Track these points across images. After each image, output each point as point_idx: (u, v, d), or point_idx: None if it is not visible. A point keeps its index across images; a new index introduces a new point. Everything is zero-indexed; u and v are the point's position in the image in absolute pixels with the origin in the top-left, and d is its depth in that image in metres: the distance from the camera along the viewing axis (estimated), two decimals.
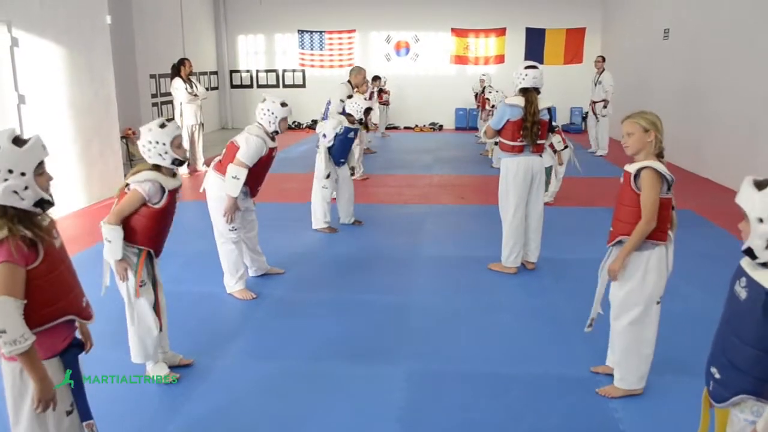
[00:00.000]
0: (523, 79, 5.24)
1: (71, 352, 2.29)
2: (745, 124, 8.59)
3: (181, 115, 10.05)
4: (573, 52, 16.03)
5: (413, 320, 4.61)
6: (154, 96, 12.67)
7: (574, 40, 16.11)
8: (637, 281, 3.31)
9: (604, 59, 12.36)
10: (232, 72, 17.00)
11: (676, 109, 10.92)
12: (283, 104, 4.82)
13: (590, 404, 3.47)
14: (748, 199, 1.89)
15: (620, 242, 3.33)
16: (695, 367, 1.92)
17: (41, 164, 2.16)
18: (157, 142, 3.33)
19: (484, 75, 13.16)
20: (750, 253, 1.88)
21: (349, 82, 8.82)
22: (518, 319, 4.63)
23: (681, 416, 3.26)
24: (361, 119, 6.83)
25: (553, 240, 6.05)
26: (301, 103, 16.79)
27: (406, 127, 16.82)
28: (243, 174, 4.67)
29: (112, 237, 3.35)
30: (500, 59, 16.36)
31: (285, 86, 16.86)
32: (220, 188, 4.78)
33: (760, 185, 1.87)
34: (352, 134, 6.73)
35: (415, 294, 5.12)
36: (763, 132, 8.13)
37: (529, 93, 5.24)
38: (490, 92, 11.26)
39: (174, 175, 3.49)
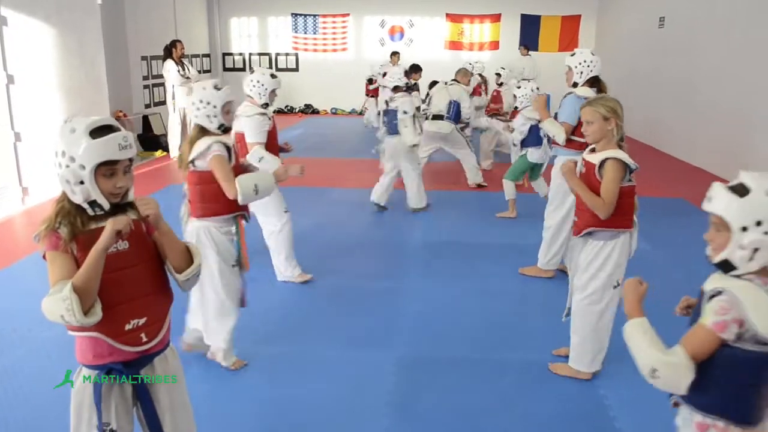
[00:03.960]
0: (594, 66, 4.71)
1: (108, 372, 2.05)
2: (738, 113, 8.59)
3: (173, 98, 9.96)
4: (568, 40, 15.98)
5: (406, 306, 4.61)
6: (145, 78, 12.54)
7: (570, 27, 16.06)
8: (598, 267, 3.35)
9: (528, 48, 14.16)
10: (224, 55, 16.86)
11: (670, 97, 10.91)
12: (273, 75, 4.81)
13: (582, 391, 3.49)
14: (728, 207, 1.74)
15: (589, 233, 3.34)
16: None
17: (111, 165, 1.93)
18: (209, 103, 3.26)
19: (503, 68, 11.95)
20: (725, 265, 1.78)
21: (457, 81, 8.62)
22: (511, 306, 4.64)
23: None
24: (408, 84, 6.95)
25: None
26: (294, 87, 16.70)
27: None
28: (263, 151, 4.62)
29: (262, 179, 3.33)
30: (495, 45, 16.30)
31: (278, 70, 16.69)
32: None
33: (739, 192, 1.73)
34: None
35: (409, 279, 5.11)
36: (756, 121, 8.14)
37: (601, 83, 4.77)
38: (516, 86, 10.38)
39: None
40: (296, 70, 16.77)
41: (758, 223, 1.70)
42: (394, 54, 13.13)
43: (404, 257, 5.65)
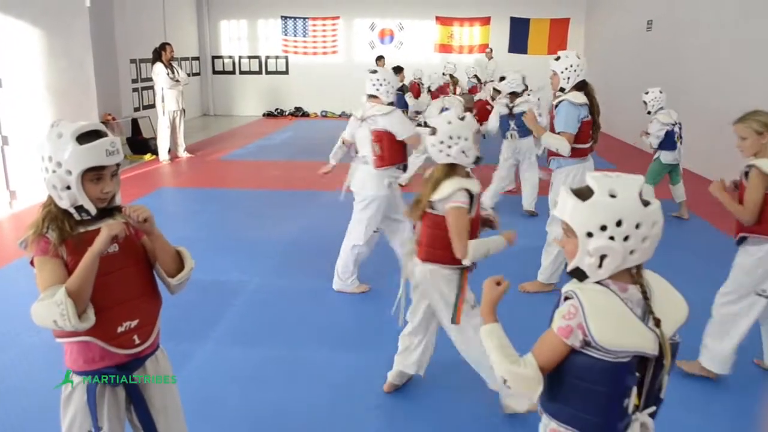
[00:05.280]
0: (582, 69, 4.54)
1: (101, 378, 2.04)
2: (726, 115, 8.60)
3: (162, 101, 9.94)
4: (557, 43, 16.04)
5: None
6: (134, 81, 12.51)
7: (558, 30, 16.14)
8: (744, 272, 3.36)
9: (491, 50, 15.50)
10: (214, 58, 16.82)
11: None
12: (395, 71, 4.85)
13: None
14: (574, 211, 1.60)
15: (743, 239, 3.35)
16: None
17: (99, 170, 1.93)
18: (459, 137, 2.93)
19: (514, 81, 10.18)
20: (578, 273, 1.65)
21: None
22: (502, 308, 4.63)
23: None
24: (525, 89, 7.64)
25: (539, 228, 6.06)
26: (284, 90, 16.68)
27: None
28: (426, 141, 4.61)
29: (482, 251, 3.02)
30: (484, 48, 16.33)
31: (268, 73, 16.70)
32: (384, 186, 4.67)
33: (583, 195, 1.60)
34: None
35: (396, 282, 5.09)
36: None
37: (588, 86, 4.61)
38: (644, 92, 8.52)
39: (467, 175, 3.09)
40: (286, 73, 16.75)
41: (603, 228, 1.56)
42: (380, 58, 13.16)
43: (395, 259, 5.64)
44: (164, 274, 2.14)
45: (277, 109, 16.79)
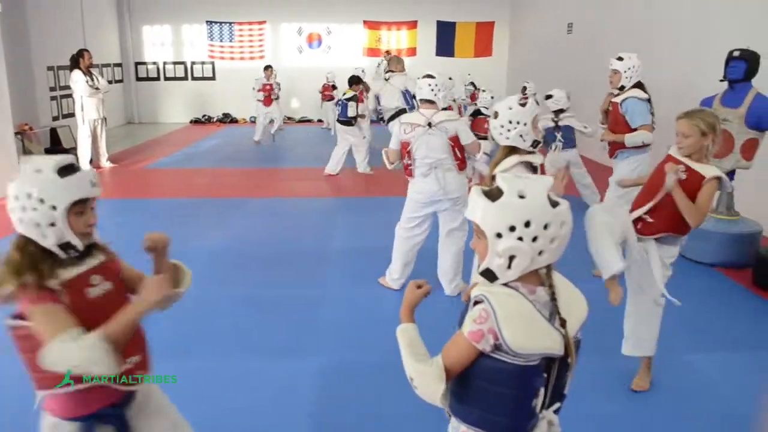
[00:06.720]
0: (640, 71, 5.11)
1: (97, 420, 1.99)
2: None
3: (81, 110, 9.59)
4: (483, 46, 16.37)
5: (326, 313, 4.58)
6: (52, 89, 12.04)
7: (484, 33, 16.46)
8: (664, 270, 3.39)
9: (388, 52, 15.22)
10: (137, 64, 16.37)
11: (580, 98, 11.31)
12: (450, 78, 4.93)
13: None
14: (484, 212, 1.60)
15: (660, 238, 3.33)
16: (602, 346, 1.93)
17: (82, 203, 1.87)
18: (518, 122, 3.12)
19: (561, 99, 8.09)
20: (488, 274, 1.64)
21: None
22: (431, 310, 4.66)
23: (588, 394, 3.38)
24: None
25: None
26: (211, 96, 16.39)
27: (319, 120, 16.60)
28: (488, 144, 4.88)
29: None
30: (412, 52, 16.52)
31: (194, 79, 16.37)
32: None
33: (493, 196, 1.60)
34: None
35: (328, 287, 5.08)
36: (661, 127, 8.53)
37: (643, 86, 5.14)
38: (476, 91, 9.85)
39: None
40: (213, 78, 16.46)
41: (512, 229, 1.56)
42: (268, 68, 13.10)
43: (324, 264, 5.62)
44: None
45: (204, 116, 16.47)
